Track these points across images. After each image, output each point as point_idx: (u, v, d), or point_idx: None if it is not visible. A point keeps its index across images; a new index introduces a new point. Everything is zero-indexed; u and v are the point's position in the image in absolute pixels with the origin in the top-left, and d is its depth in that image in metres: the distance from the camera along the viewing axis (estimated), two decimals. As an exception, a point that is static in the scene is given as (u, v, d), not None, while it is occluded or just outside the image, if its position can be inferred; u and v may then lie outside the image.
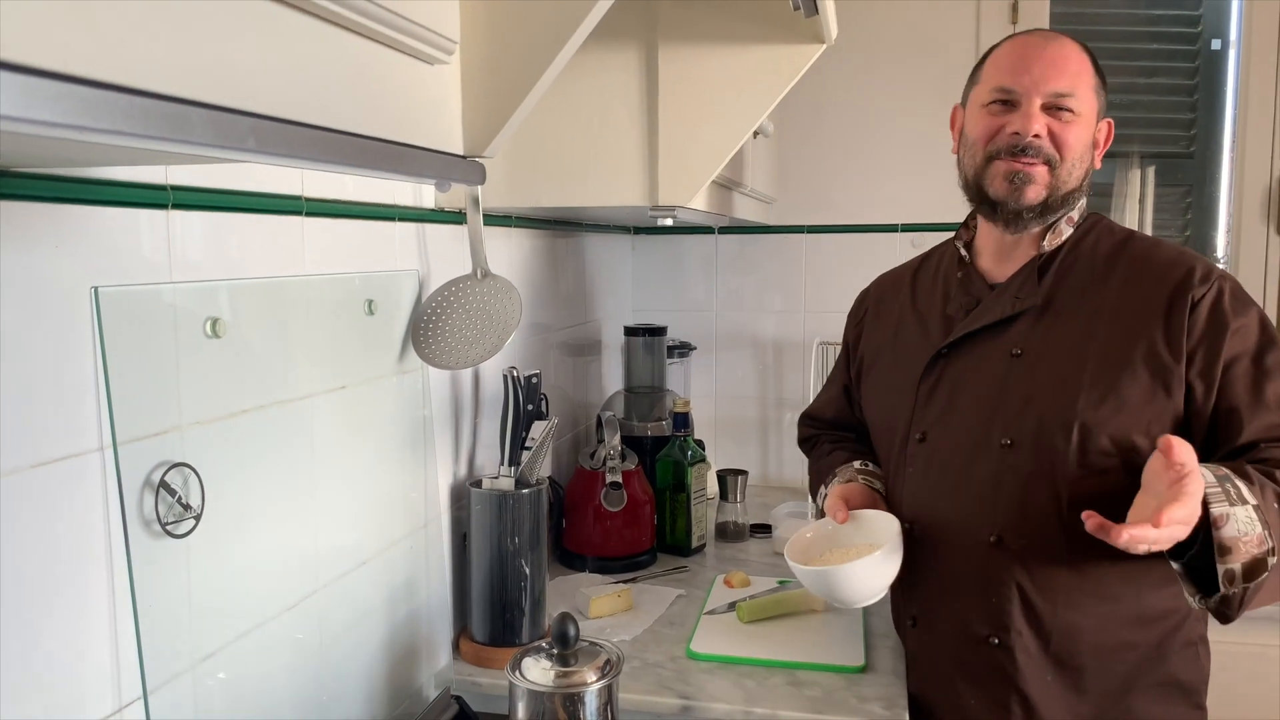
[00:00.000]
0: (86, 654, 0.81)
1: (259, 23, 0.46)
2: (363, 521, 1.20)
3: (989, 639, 1.25)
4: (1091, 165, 1.29)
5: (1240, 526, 1.05)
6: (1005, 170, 1.24)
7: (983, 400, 1.27)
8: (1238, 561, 1.05)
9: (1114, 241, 1.28)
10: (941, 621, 1.32)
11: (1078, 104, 1.23)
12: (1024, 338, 1.26)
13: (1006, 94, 1.24)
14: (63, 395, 0.78)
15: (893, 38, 2.35)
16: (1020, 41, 1.27)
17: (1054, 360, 1.23)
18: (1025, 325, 1.26)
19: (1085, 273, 1.27)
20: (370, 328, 1.21)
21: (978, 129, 1.28)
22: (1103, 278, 1.25)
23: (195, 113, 0.40)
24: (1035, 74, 1.22)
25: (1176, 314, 1.18)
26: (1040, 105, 1.22)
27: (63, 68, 0.34)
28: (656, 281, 2.58)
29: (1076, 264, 1.28)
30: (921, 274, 1.46)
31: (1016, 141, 1.23)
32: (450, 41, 0.62)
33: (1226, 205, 2.36)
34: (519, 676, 1.07)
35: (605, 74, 1.38)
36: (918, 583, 1.34)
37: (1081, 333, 1.23)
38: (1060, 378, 1.22)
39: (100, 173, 0.80)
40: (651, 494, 1.89)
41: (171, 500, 0.87)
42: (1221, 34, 2.32)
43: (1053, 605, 1.22)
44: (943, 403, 1.31)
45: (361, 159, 0.54)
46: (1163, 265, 1.23)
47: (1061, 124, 1.23)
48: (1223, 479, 1.07)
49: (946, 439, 1.30)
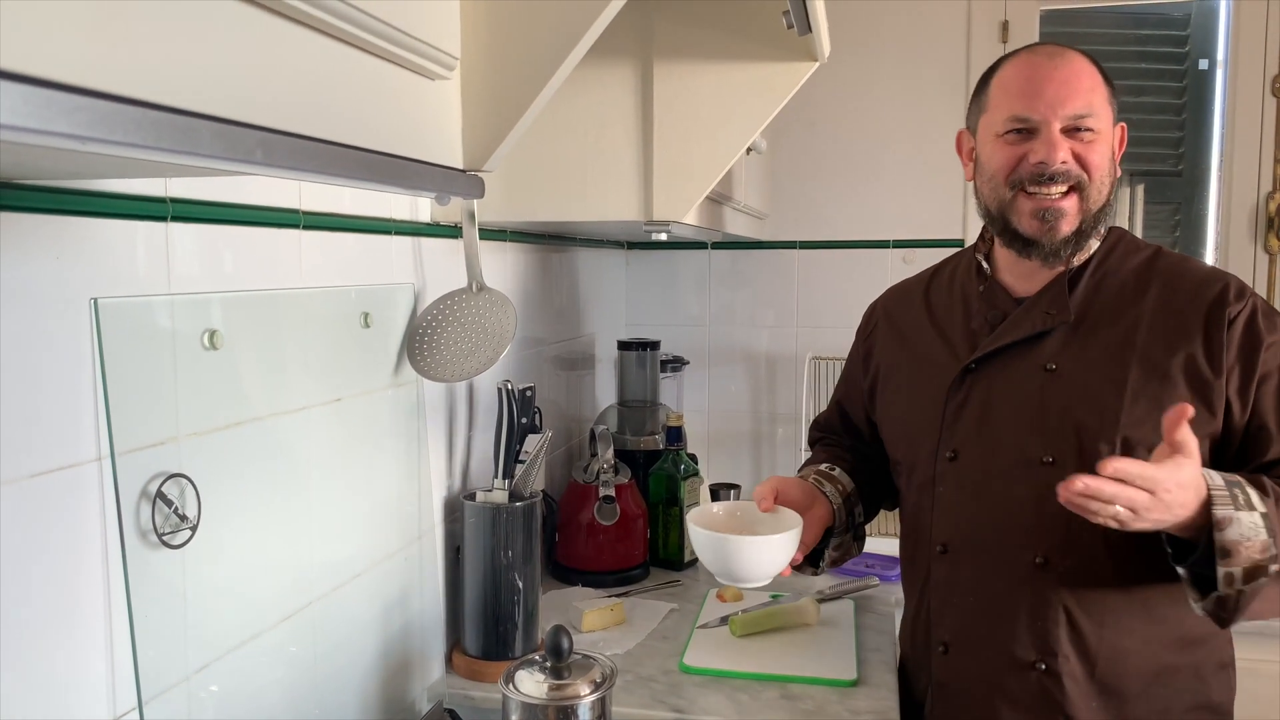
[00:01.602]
0: (82, 664, 0.81)
1: (266, 38, 0.47)
2: (357, 534, 1.20)
3: (1035, 664, 1.21)
4: (1115, 176, 1.25)
5: (1244, 530, 1.05)
6: (1033, 208, 1.21)
7: (1019, 417, 1.22)
8: (1238, 565, 1.05)
9: (1142, 257, 1.27)
10: (981, 647, 1.26)
11: (1097, 122, 1.19)
12: (1058, 353, 1.22)
13: (1023, 122, 1.20)
14: (61, 406, 0.78)
15: (884, 56, 2.38)
16: (1027, 63, 1.22)
17: (1092, 375, 1.20)
18: (1059, 340, 1.23)
19: (1116, 288, 1.24)
20: (366, 341, 1.21)
21: (996, 160, 1.23)
22: (1135, 293, 1.23)
23: (205, 125, 0.41)
24: (1050, 98, 1.18)
25: (1215, 330, 1.17)
26: (1060, 129, 1.19)
27: (78, 80, 0.34)
28: (650, 296, 2.59)
29: (1106, 279, 1.25)
30: (935, 287, 1.42)
31: (1042, 170, 1.19)
32: (451, 57, 0.63)
33: (1214, 223, 2.38)
34: (512, 689, 1.07)
35: (601, 90, 1.39)
36: (951, 607, 1.29)
37: (1119, 347, 1.20)
38: (1100, 393, 1.18)
39: (101, 185, 0.81)
40: (644, 508, 1.89)
41: (168, 511, 0.87)
42: (1209, 54, 2.35)
43: (1099, 628, 1.19)
44: (974, 419, 1.26)
45: (364, 172, 0.54)
46: (1197, 281, 1.22)
47: (1084, 145, 1.19)
48: (1232, 484, 1.07)
49: (981, 457, 1.25)
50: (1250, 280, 2.29)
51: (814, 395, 2.43)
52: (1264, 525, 1.05)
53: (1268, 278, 2.30)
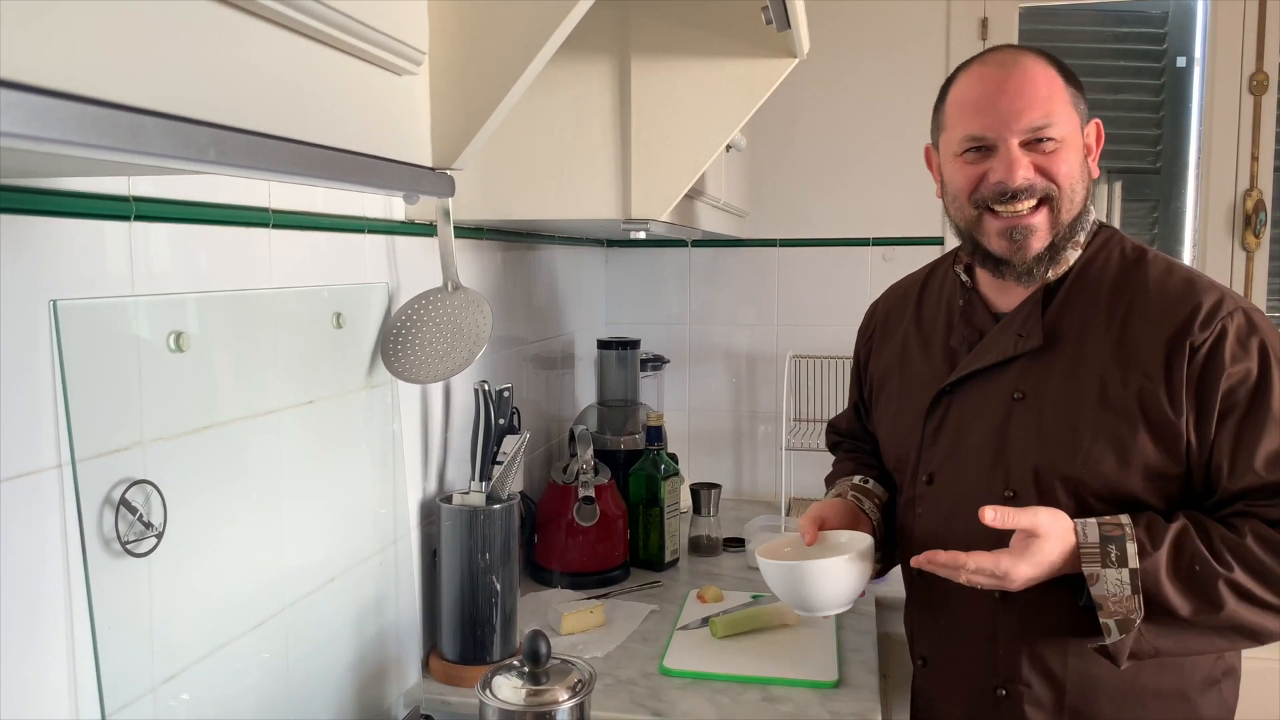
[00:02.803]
0: (43, 676, 0.78)
1: (220, 31, 0.45)
2: (331, 538, 1.18)
3: (996, 689, 1.21)
4: (1090, 179, 1.19)
5: (1109, 587, 1.07)
6: (1001, 227, 1.16)
7: (986, 446, 1.21)
8: (1110, 617, 1.08)
9: (1124, 265, 1.19)
10: (950, 666, 1.28)
11: (1058, 129, 1.13)
12: (1025, 379, 1.19)
13: (979, 140, 1.15)
14: (19, 411, 0.76)
15: (863, 53, 2.37)
16: (978, 75, 1.17)
17: (1055, 406, 1.16)
18: (1026, 364, 1.19)
19: (1089, 303, 1.18)
20: (339, 341, 1.19)
21: (957, 181, 1.19)
22: (1106, 312, 1.16)
23: (151, 122, 0.39)
24: (1004, 112, 1.13)
25: (1177, 362, 1.10)
26: (1019, 143, 1.13)
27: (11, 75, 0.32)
28: (629, 294, 2.57)
29: (1082, 292, 1.19)
30: (927, 290, 1.38)
31: (1003, 190, 1.14)
32: (418, 52, 0.61)
33: (1192, 220, 2.39)
34: (489, 695, 1.05)
35: (578, 86, 1.37)
36: (927, 626, 1.31)
37: (1083, 376, 1.15)
38: (1058, 426, 1.16)
39: (60, 183, 0.78)
40: (624, 508, 1.88)
41: (132, 518, 0.85)
42: (1186, 51, 2.36)
43: (1063, 656, 1.18)
44: (948, 445, 1.25)
45: (327, 171, 0.53)
46: (1167, 302, 1.14)
47: (1047, 156, 1.13)
48: (1109, 540, 1.08)
49: (953, 484, 1.24)
50: (1227, 278, 2.30)
51: (794, 393, 2.42)
52: (1129, 582, 1.06)
53: (1245, 275, 2.31)
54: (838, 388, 2.41)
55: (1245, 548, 1.06)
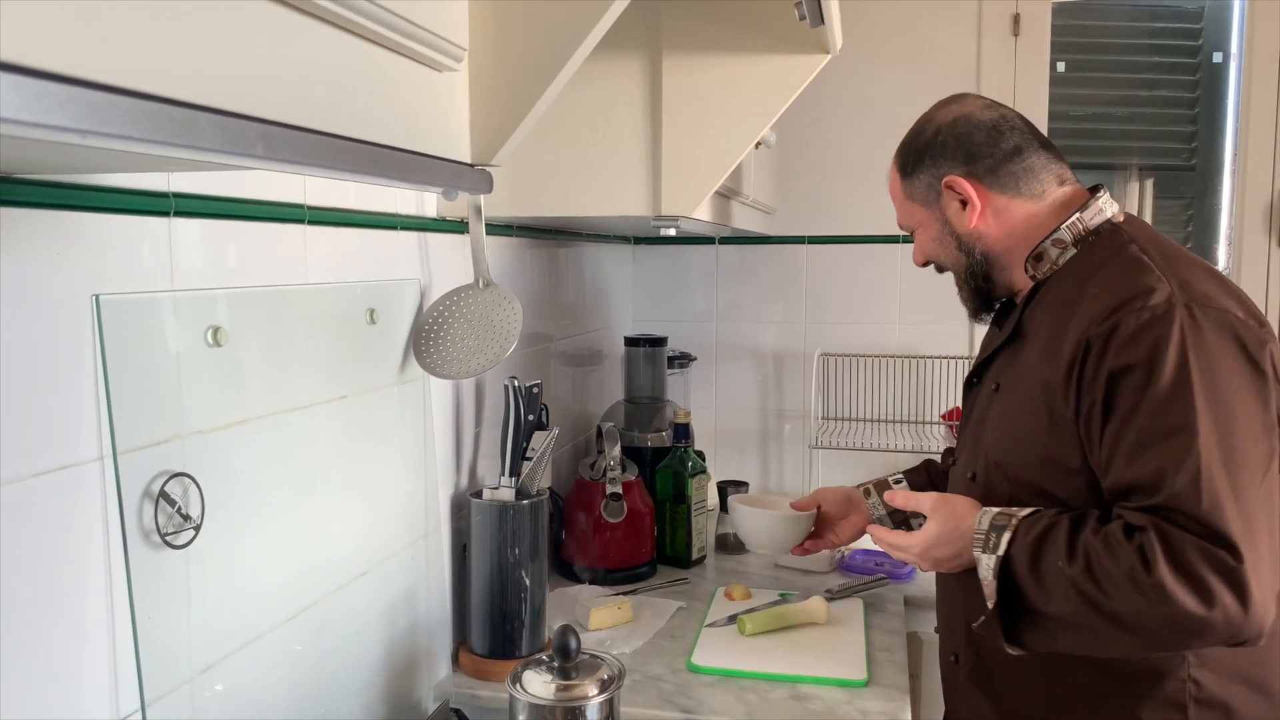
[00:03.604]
0: (85, 666, 0.80)
1: (268, 27, 0.45)
2: (363, 532, 1.19)
3: (949, 655, 1.35)
4: (966, 231, 1.27)
5: (983, 571, 1.14)
6: None
7: (971, 433, 1.33)
8: (989, 600, 1.14)
9: (1100, 261, 1.19)
10: (940, 634, 1.40)
11: (909, 221, 1.38)
12: (1000, 371, 1.29)
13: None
14: (62, 404, 0.77)
15: (894, 48, 2.35)
16: None
17: (1011, 396, 1.24)
18: (1003, 359, 1.29)
19: (1052, 300, 1.21)
20: (371, 337, 1.20)
21: None
22: (1060, 308, 1.19)
23: (204, 118, 0.39)
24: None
25: (1076, 359, 1.12)
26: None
27: (72, 71, 0.33)
28: (657, 292, 2.57)
29: (1052, 290, 1.22)
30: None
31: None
32: (459, 49, 0.61)
33: (1228, 218, 2.36)
34: (519, 689, 1.06)
35: (609, 83, 1.37)
36: (936, 596, 1.42)
37: (1023, 370, 1.21)
38: (1004, 416, 1.25)
39: (102, 179, 0.80)
40: (651, 505, 1.88)
41: (171, 510, 0.86)
42: (1223, 47, 2.33)
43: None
44: (966, 433, 1.36)
45: (369, 166, 0.53)
46: (1097, 296, 1.14)
47: (916, 243, 1.39)
48: (995, 528, 1.14)
49: (957, 469, 1.37)
50: (1263, 277, 2.27)
51: (822, 391, 2.41)
52: (994, 568, 1.13)
53: (1281, 274, 2.28)
54: (866, 386, 2.40)
55: (1095, 548, 1.06)
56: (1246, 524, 1.02)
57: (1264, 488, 1.06)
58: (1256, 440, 1.06)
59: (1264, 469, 1.06)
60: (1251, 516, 1.03)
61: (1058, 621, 1.10)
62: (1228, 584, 1.01)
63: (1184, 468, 1.03)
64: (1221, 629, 1.02)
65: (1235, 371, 1.07)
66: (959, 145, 1.27)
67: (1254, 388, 1.07)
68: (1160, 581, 1.01)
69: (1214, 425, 1.04)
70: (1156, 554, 1.02)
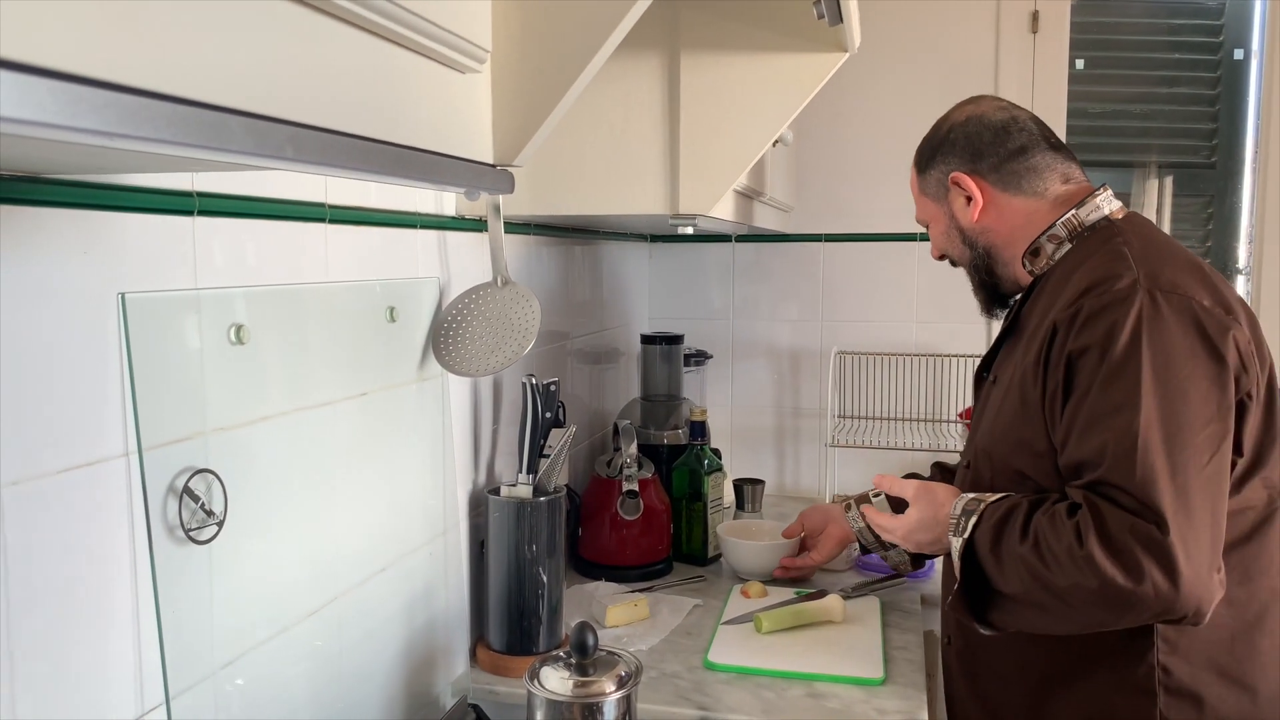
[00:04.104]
0: (110, 659, 0.81)
1: (295, 31, 0.46)
2: (382, 529, 1.20)
3: (943, 638, 1.42)
4: (970, 225, 1.34)
5: (953, 555, 1.20)
6: None
7: (975, 424, 1.38)
8: (956, 580, 1.20)
9: (1089, 254, 1.22)
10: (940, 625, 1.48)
11: (924, 214, 1.43)
12: (999, 364, 1.35)
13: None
14: (89, 401, 0.78)
15: (912, 46, 2.35)
16: None
17: (1002, 387, 1.30)
18: (1003, 352, 1.35)
19: (1047, 294, 1.25)
20: (391, 335, 1.21)
21: None
22: (1046, 300, 1.23)
23: (235, 121, 0.40)
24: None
25: (1046, 341, 1.16)
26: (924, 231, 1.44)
27: (107, 75, 0.33)
28: (673, 289, 2.57)
29: (1044, 284, 1.27)
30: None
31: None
32: (482, 50, 0.62)
33: (1248, 217, 2.34)
34: (537, 685, 1.06)
35: (627, 82, 1.38)
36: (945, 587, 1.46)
37: (1013, 361, 1.28)
38: (996, 405, 1.30)
39: (128, 179, 0.80)
40: (668, 503, 1.88)
41: (195, 506, 0.87)
42: (1244, 43, 2.31)
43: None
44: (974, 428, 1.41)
45: (394, 167, 0.54)
46: (1067, 294, 1.17)
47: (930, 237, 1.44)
48: (966, 513, 1.19)
49: (967, 460, 1.40)
50: (1285, 275, 2.25)
51: (839, 390, 2.41)
52: (957, 549, 1.19)
53: (1303, 272, 2.26)
54: (883, 384, 2.40)
55: (1042, 527, 1.10)
56: (1182, 501, 1.04)
57: (1210, 468, 1.07)
58: (1206, 422, 1.07)
59: (1211, 450, 1.07)
60: (1189, 494, 1.05)
61: (1016, 601, 1.15)
62: (1154, 558, 1.03)
63: (1122, 442, 1.06)
64: (1152, 603, 1.04)
65: (1191, 354, 1.08)
66: (967, 143, 1.33)
67: (1210, 372, 1.09)
68: (1090, 554, 1.04)
69: (1158, 403, 1.06)
70: (1089, 528, 1.06)
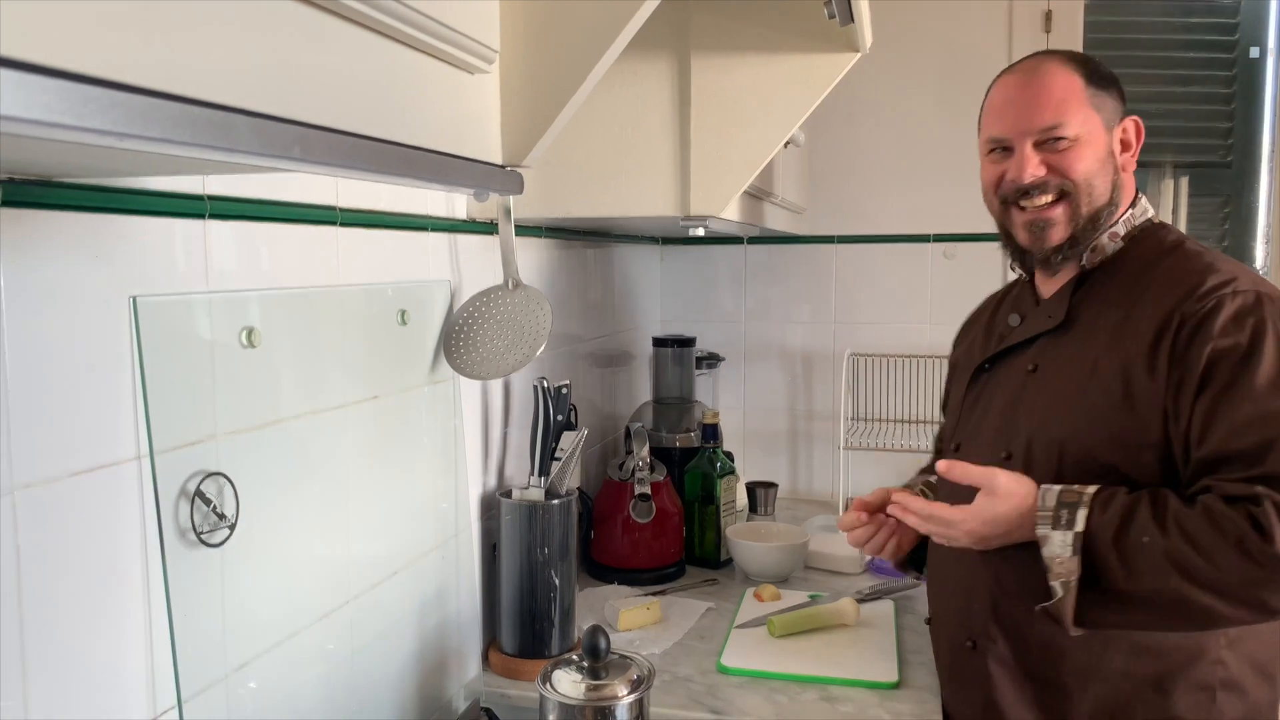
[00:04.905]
0: (123, 662, 0.81)
1: (304, 31, 0.46)
2: (394, 532, 1.20)
3: (967, 642, 1.29)
4: (1117, 173, 1.26)
5: (1054, 549, 1.12)
6: (1025, 220, 1.27)
7: (999, 414, 1.30)
8: (1056, 579, 1.12)
9: (1156, 255, 1.25)
10: (944, 623, 1.36)
11: (1071, 129, 1.23)
12: (1041, 354, 1.28)
13: (999, 142, 1.27)
14: (101, 404, 0.78)
15: (924, 46, 2.34)
16: (1002, 83, 1.30)
17: (1059, 377, 1.24)
18: (1046, 342, 1.29)
19: (1116, 289, 1.24)
20: (403, 338, 1.21)
21: (985, 178, 1.32)
22: (1129, 294, 1.22)
23: (242, 121, 0.40)
24: (1018, 117, 1.24)
25: (1164, 336, 1.15)
26: (1033, 144, 1.23)
27: (115, 76, 0.33)
28: (685, 292, 2.57)
29: (1113, 279, 1.25)
30: (1010, 291, 1.48)
31: (1016, 186, 1.25)
32: (491, 50, 0.62)
33: (1265, 215, 2.32)
34: (549, 689, 1.06)
35: (637, 83, 1.38)
36: (933, 585, 1.40)
37: (1085, 351, 1.22)
38: (1055, 396, 1.24)
39: (139, 182, 0.81)
40: (680, 506, 1.88)
41: (206, 509, 0.87)
42: (1260, 41, 2.29)
43: (1030, 617, 1.20)
44: (976, 416, 1.35)
45: (403, 168, 0.53)
46: (1174, 282, 1.19)
47: (1060, 154, 1.23)
48: (1064, 505, 1.12)
49: (971, 451, 1.32)
50: (1302, 274, 2.23)
51: (853, 392, 2.40)
52: (1072, 544, 1.11)
53: (1321, 272, 2.24)
54: (897, 386, 2.38)
55: (1191, 518, 1.07)
56: None
57: None
58: None
59: None
60: None
61: (1135, 597, 1.10)
62: None
63: None
64: None
65: None
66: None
67: None
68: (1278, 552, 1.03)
69: None
70: (1273, 523, 1.04)
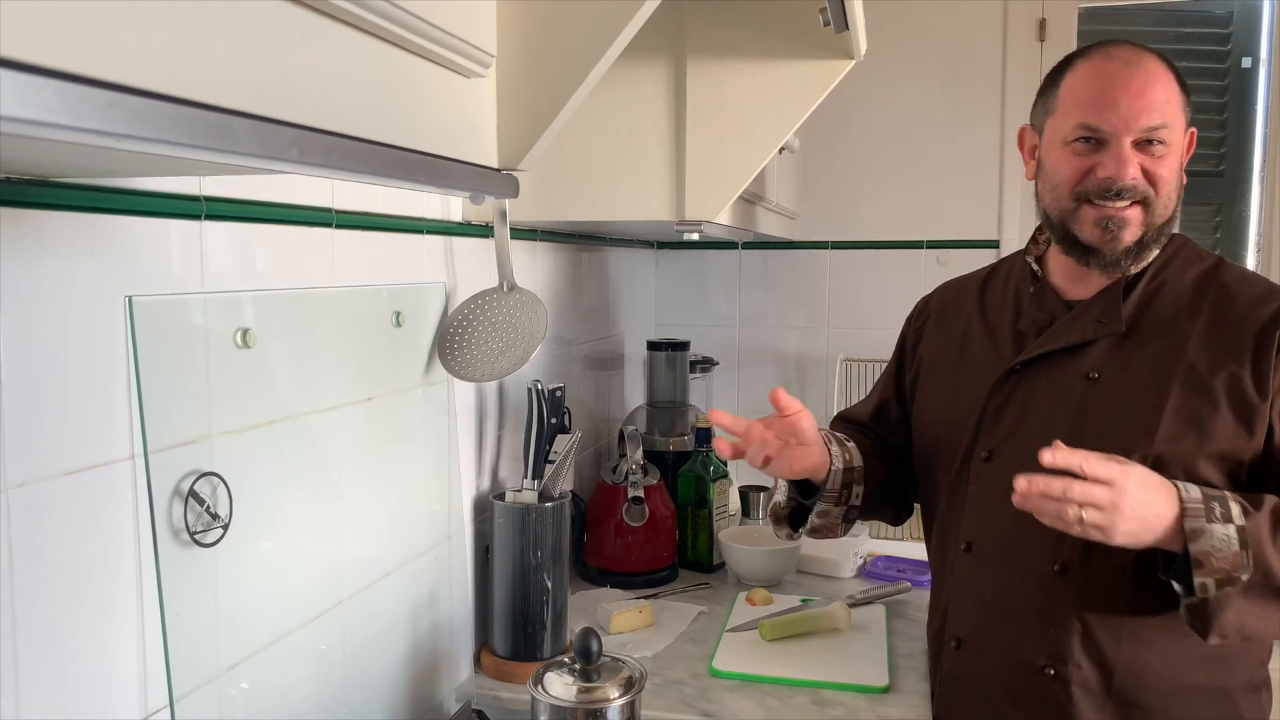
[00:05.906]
0: (115, 661, 0.81)
1: (300, 33, 0.46)
2: (387, 533, 1.20)
3: (1045, 669, 1.20)
4: (1182, 185, 1.22)
5: (1214, 543, 1.05)
6: (1096, 216, 1.19)
7: (1056, 423, 1.21)
8: (1209, 576, 1.06)
9: (1201, 269, 1.24)
10: (994, 646, 1.26)
11: (1170, 134, 1.16)
12: (1102, 361, 1.21)
13: (1093, 132, 1.17)
14: (95, 404, 0.78)
15: (918, 54, 2.35)
16: (1101, 68, 1.18)
17: (1133, 387, 1.18)
18: (1104, 349, 1.21)
19: (1171, 300, 1.22)
20: (397, 340, 1.21)
21: (1064, 170, 1.21)
22: (1189, 306, 1.21)
23: (239, 123, 0.40)
24: (1124, 110, 1.15)
25: (1264, 350, 1.15)
26: (1131, 143, 1.16)
27: (112, 76, 0.34)
28: (679, 296, 2.57)
29: (1163, 289, 1.23)
30: (990, 285, 1.41)
31: (1109, 186, 1.16)
32: (487, 54, 0.62)
33: (1256, 225, 2.34)
34: (541, 691, 1.06)
35: (633, 88, 1.38)
36: (970, 605, 1.29)
37: (1165, 361, 1.18)
38: (1139, 406, 1.17)
39: (136, 183, 0.81)
40: (673, 509, 1.88)
41: (200, 509, 0.87)
42: (1252, 52, 2.31)
43: (1117, 640, 1.18)
44: (1013, 421, 1.26)
45: (399, 171, 0.54)
46: (1254, 298, 1.19)
47: (1154, 159, 1.16)
48: (1212, 499, 1.07)
49: (1015, 460, 1.19)
50: (1293, 283, 2.24)
51: (845, 397, 2.41)
52: (1236, 538, 1.06)
53: (1312, 281, 2.25)
54: (889, 392, 2.39)
55: None
56: None
57: None
58: None
59: None
60: None
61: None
62: None
63: None
64: None
65: None
66: None
67: None
68: None
69: None
70: None
